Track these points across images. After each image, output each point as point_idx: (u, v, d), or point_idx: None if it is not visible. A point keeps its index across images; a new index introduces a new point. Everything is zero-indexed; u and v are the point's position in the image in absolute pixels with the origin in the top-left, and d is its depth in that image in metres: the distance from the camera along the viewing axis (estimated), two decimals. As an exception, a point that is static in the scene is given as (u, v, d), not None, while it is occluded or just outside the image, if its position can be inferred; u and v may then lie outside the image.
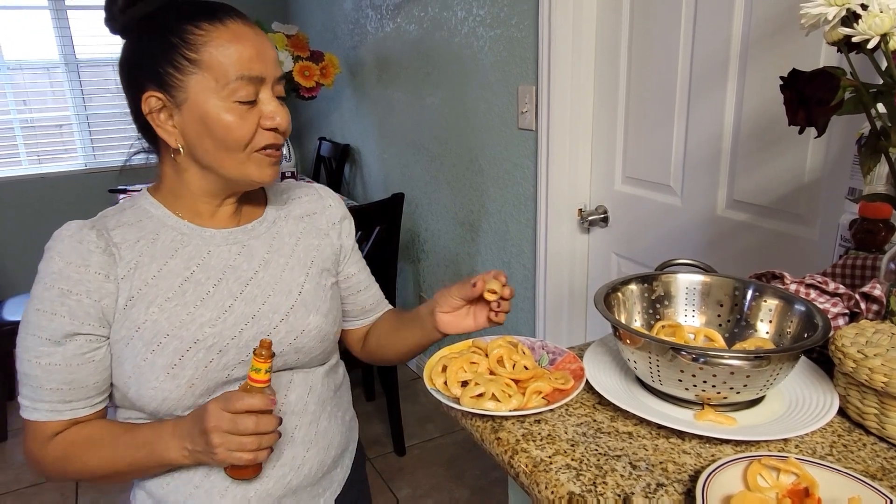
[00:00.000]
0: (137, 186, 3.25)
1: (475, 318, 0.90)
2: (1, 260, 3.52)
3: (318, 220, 0.96)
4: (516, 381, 0.76)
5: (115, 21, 0.82)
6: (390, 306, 1.09)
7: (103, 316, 0.79)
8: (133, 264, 0.80)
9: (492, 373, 0.77)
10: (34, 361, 0.79)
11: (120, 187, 3.28)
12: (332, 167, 3.25)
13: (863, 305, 0.77)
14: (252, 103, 0.79)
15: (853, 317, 0.78)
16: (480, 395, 0.72)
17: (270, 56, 0.80)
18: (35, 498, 2.18)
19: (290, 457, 0.87)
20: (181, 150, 0.81)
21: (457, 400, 0.73)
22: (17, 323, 2.76)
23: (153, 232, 0.83)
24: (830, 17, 0.65)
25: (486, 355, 0.80)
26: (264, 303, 0.85)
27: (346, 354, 1.06)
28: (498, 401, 0.72)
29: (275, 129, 0.80)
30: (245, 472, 0.78)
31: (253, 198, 0.93)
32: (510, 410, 0.71)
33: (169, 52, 0.77)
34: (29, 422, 0.81)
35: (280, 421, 0.75)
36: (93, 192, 3.65)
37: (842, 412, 0.69)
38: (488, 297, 0.85)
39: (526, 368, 0.78)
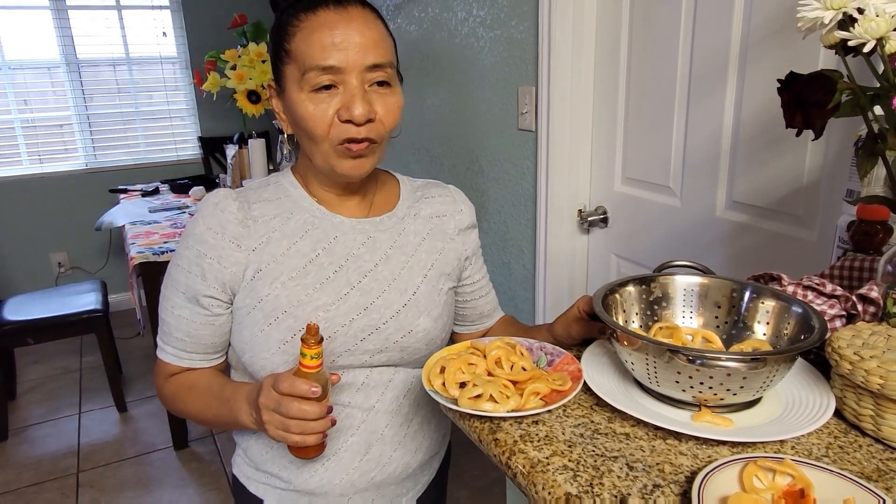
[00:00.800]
0: (138, 186, 3.26)
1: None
2: (1, 259, 3.53)
3: (446, 223, 0.96)
4: (514, 383, 0.76)
5: (276, 11, 0.86)
6: (503, 312, 1.09)
7: (229, 283, 0.83)
8: (265, 239, 0.84)
9: (490, 374, 0.78)
10: (168, 310, 0.87)
11: (120, 187, 3.29)
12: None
13: (860, 307, 0.77)
14: (330, 92, 0.78)
15: (850, 318, 0.79)
16: (478, 397, 0.73)
17: (357, 43, 0.77)
18: (36, 497, 2.19)
19: (378, 453, 0.89)
20: (293, 136, 0.85)
21: (455, 401, 0.74)
22: (17, 322, 2.76)
23: (288, 211, 0.87)
24: (827, 21, 0.65)
25: (485, 356, 0.81)
26: (378, 297, 0.86)
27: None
28: (496, 402, 0.72)
29: (351, 122, 0.78)
30: (302, 451, 0.79)
31: (386, 191, 0.95)
32: (508, 412, 0.71)
33: (277, 44, 0.81)
34: (158, 358, 0.91)
35: (330, 409, 0.75)
36: (93, 191, 3.66)
37: (838, 414, 0.69)
38: None
39: (524, 370, 0.78)
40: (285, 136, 0.88)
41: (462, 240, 0.97)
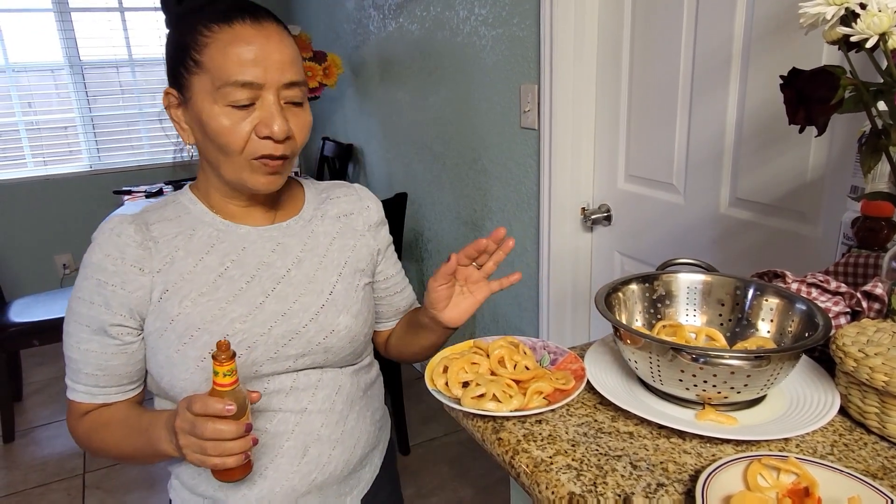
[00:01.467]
0: (141, 188, 3.27)
1: (473, 293, 0.87)
2: (7, 261, 3.54)
3: (354, 220, 0.96)
4: (517, 382, 0.76)
5: (168, 14, 0.85)
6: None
7: (136, 308, 0.81)
8: (169, 258, 0.82)
9: (493, 373, 0.78)
10: (74, 346, 0.83)
11: (124, 188, 3.29)
12: (336, 167, 3.25)
13: (864, 304, 0.77)
14: (247, 108, 0.77)
15: (855, 315, 0.78)
16: (481, 396, 0.73)
17: (276, 60, 0.77)
18: (42, 498, 2.19)
19: (316, 454, 0.87)
20: (195, 147, 0.84)
21: (458, 400, 0.74)
22: (23, 324, 2.76)
23: (190, 227, 0.85)
24: (829, 17, 0.65)
25: (488, 356, 0.80)
26: (296, 301, 0.85)
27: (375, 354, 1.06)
28: (499, 401, 0.72)
29: (270, 138, 0.78)
30: (225, 474, 0.74)
31: (291, 196, 0.94)
32: (511, 411, 0.71)
33: (183, 51, 0.79)
34: (68, 399, 0.87)
35: (250, 427, 0.71)
36: (97, 193, 3.67)
37: (843, 411, 0.69)
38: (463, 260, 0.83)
39: (527, 369, 0.78)
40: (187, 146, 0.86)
41: (373, 235, 0.97)
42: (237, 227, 0.87)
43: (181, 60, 0.79)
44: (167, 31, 0.84)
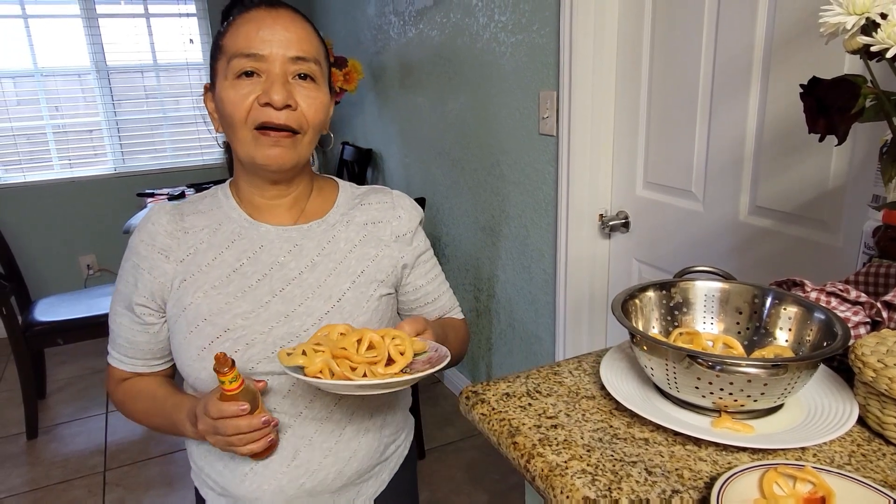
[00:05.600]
0: (164, 191, 3.32)
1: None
2: (32, 261, 3.61)
3: (381, 230, 0.94)
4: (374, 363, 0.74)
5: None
6: (460, 316, 1.06)
7: (157, 293, 0.87)
8: (193, 250, 0.87)
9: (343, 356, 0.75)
10: (112, 317, 0.92)
11: (148, 191, 3.35)
12: (355, 171, 3.28)
13: (885, 314, 0.76)
14: (251, 78, 0.81)
15: (875, 325, 0.78)
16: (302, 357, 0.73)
17: (282, 36, 0.80)
18: (64, 494, 2.23)
19: (306, 459, 0.88)
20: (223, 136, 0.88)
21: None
22: (47, 323, 2.83)
23: (217, 222, 0.89)
24: (849, 27, 0.65)
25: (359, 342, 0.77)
26: (301, 304, 0.86)
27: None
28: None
29: (270, 105, 0.79)
30: (256, 456, 0.84)
31: (322, 197, 0.95)
32: (312, 377, 0.70)
33: (214, 44, 0.86)
34: (108, 363, 0.95)
35: (267, 422, 0.79)
36: (121, 195, 3.73)
37: (861, 421, 0.69)
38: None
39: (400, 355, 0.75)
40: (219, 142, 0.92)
41: (399, 247, 0.94)
42: (258, 226, 0.89)
43: (213, 52, 0.85)
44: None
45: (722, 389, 0.65)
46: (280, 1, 0.85)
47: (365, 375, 0.73)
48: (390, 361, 0.75)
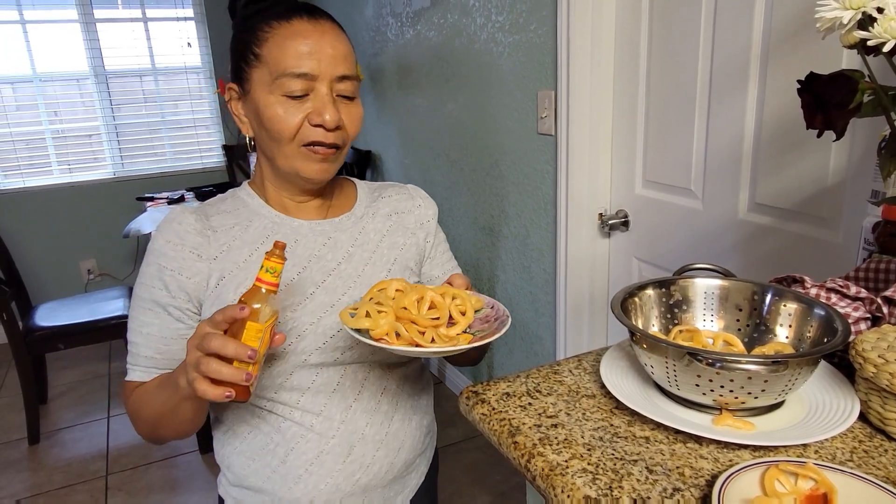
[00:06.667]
0: (163, 194, 3.32)
1: None
2: (33, 266, 3.61)
3: (405, 218, 0.98)
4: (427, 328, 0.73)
5: (234, 16, 0.90)
6: None
7: (193, 293, 0.84)
8: (226, 247, 0.86)
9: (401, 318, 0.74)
10: (136, 329, 0.86)
11: (147, 195, 3.35)
12: (354, 173, 3.28)
13: (885, 310, 0.76)
14: (301, 98, 0.81)
15: (875, 321, 0.77)
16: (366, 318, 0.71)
17: (329, 54, 0.81)
18: (66, 499, 2.23)
19: (360, 454, 0.89)
20: (252, 140, 0.88)
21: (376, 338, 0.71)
22: (48, 328, 2.82)
23: (247, 219, 0.89)
24: (846, 22, 0.65)
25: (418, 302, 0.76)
26: (344, 294, 0.88)
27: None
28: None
29: (322, 126, 0.81)
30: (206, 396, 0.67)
31: (343, 193, 0.97)
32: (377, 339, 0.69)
33: (245, 47, 0.84)
34: (125, 381, 0.89)
35: (252, 355, 0.67)
36: (121, 199, 3.73)
37: (863, 417, 0.68)
38: None
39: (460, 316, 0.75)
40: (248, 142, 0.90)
41: (423, 234, 0.99)
42: (291, 221, 0.90)
43: (243, 55, 0.84)
44: (232, 32, 0.89)
45: (722, 387, 0.65)
46: (319, 9, 0.85)
47: (433, 341, 0.72)
48: (450, 320, 0.74)
